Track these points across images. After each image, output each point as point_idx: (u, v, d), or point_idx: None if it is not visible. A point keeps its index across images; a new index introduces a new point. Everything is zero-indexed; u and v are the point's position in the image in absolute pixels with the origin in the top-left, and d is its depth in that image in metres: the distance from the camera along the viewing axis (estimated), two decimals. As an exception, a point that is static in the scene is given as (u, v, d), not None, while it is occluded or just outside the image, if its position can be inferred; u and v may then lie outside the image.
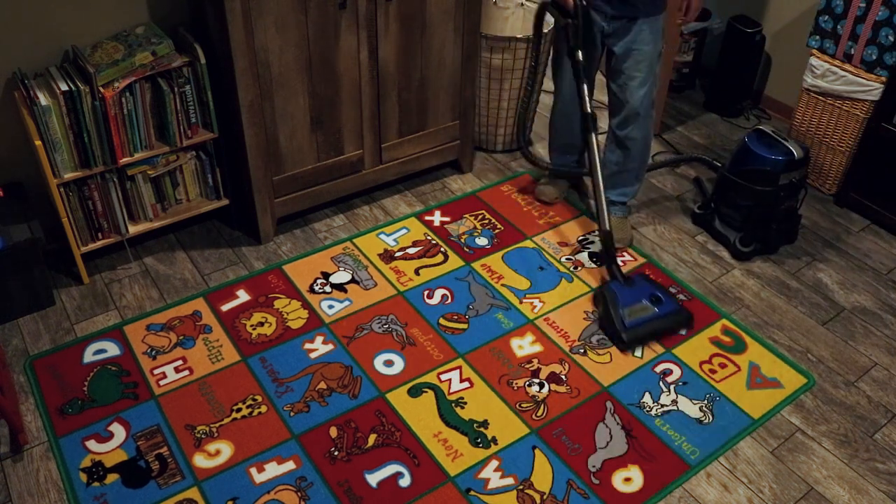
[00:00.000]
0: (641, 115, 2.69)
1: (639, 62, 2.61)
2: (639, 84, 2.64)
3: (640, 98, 2.66)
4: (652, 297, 2.52)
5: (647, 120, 2.74)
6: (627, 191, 2.92)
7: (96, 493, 2.01)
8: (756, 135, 2.81)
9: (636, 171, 2.88)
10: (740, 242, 2.85)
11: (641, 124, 2.72)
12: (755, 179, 2.74)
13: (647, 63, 2.61)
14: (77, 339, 2.44)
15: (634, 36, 2.57)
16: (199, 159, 2.69)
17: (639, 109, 2.68)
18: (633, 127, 2.72)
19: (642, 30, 2.56)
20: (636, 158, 2.82)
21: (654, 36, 2.58)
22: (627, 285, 2.56)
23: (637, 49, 2.59)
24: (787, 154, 2.71)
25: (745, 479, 2.13)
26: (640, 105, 2.67)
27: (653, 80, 2.66)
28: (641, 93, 2.65)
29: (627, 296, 2.51)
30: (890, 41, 2.84)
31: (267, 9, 2.37)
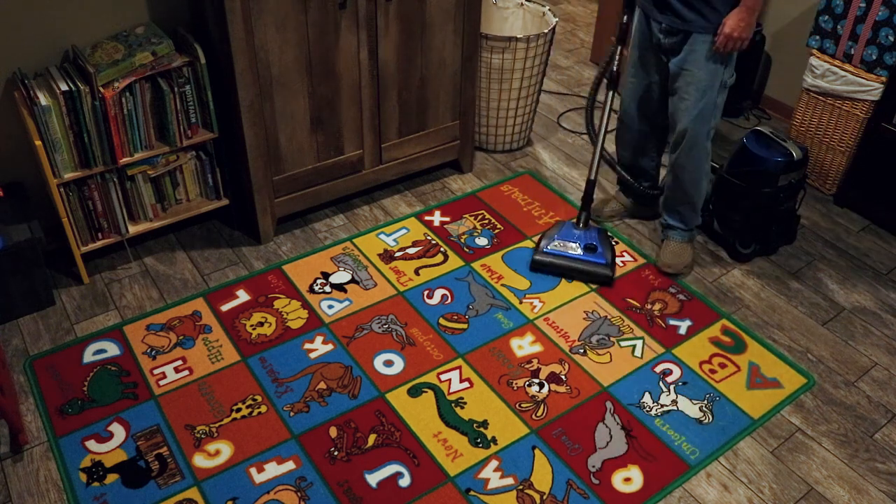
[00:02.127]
0: (688, 142, 2.52)
1: (689, 84, 2.43)
2: (687, 107, 2.46)
3: (687, 123, 2.48)
4: (587, 244, 2.68)
5: (696, 150, 2.54)
6: (685, 217, 2.74)
7: (96, 493, 2.01)
8: (755, 136, 2.79)
9: (690, 203, 2.69)
10: (740, 244, 2.84)
11: (690, 154, 2.55)
12: (755, 181, 2.73)
13: (697, 87, 2.41)
14: (77, 339, 2.44)
15: (686, 55, 2.40)
16: (199, 159, 2.69)
17: (686, 135, 2.50)
18: (681, 154, 2.57)
19: (695, 49, 2.36)
20: (687, 189, 2.65)
21: (711, 58, 2.36)
22: (577, 228, 2.76)
23: (688, 70, 2.40)
24: (787, 155, 2.70)
25: (745, 479, 2.13)
26: (688, 131, 2.49)
27: (708, 108, 2.45)
28: (689, 118, 2.47)
29: (566, 233, 2.74)
30: (890, 41, 2.84)
31: (267, 9, 2.37)
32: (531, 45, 3.10)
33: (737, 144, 2.82)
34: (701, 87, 2.42)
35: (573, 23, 4.64)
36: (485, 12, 3.25)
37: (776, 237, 2.88)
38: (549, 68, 3.94)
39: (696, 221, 2.78)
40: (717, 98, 2.46)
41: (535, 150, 3.46)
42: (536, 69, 3.22)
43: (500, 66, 3.13)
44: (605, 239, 2.75)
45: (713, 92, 2.44)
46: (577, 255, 2.68)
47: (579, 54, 4.29)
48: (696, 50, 2.37)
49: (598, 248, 2.70)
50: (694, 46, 2.37)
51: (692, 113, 2.47)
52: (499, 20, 3.47)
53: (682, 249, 2.77)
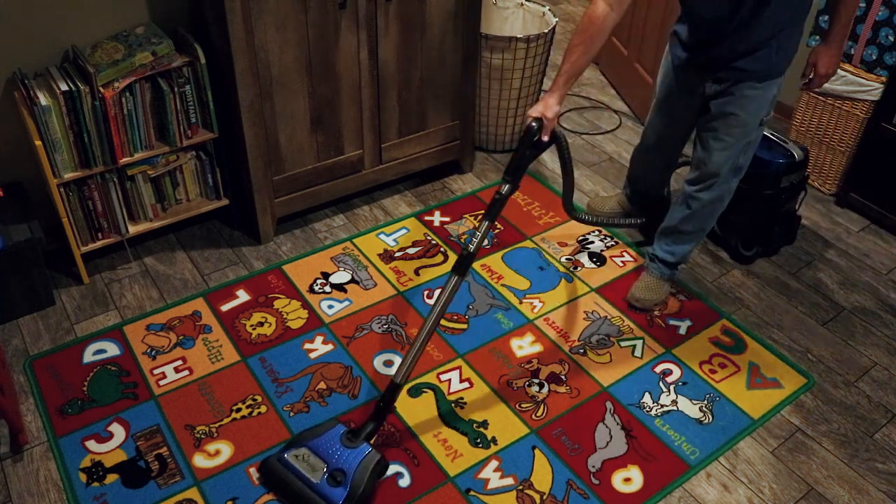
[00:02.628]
0: (719, 182, 2.41)
1: (731, 126, 2.31)
2: (724, 148, 2.35)
3: (720, 163, 2.37)
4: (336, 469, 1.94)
5: (722, 189, 2.44)
6: (676, 249, 2.61)
7: (96, 493, 2.01)
8: None
9: (691, 237, 2.59)
10: (742, 246, 2.84)
11: (713, 191, 2.44)
12: (757, 182, 2.72)
13: (741, 129, 2.30)
14: (77, 339, 2.44)
15: (732, 99, 2.27)
16: (199, 159, 2.69)
17: (718, 175, 2.40)
18: (704, 190, 2.45)
19: (746, 95, 2.24)
20: (697, 221, 2.54)
21: (758, 103, 2.26)
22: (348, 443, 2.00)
23: (733, 114, 2.28)
24: (788, 156, 2.70)
25: (745, 479, 2.13)
26: (721, 171, 2.39)
27: (742, 147, 2.35)
28: (722, 158, 2.36)
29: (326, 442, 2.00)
30: (890, 41, 2.84)
31: (267, 9, 2.37)
32: (531, 45, 3.10)
33: None
34: (745, 130, 2.31)
35: (573, 23, 4.65)
36: (485, 12, 3.25)
37: (777, 238, 2.88)
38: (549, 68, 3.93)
39: (684, 259, 2.65)
40: (750, 136, 2.35)
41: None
42: (536, 69, 3.22)
43: (500, 66, 3.13)
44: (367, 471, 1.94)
45: (754, 132, 2.34)
46: (307, 480, 1.94)
47: (579, 54, 4.28)
48: (747, 96, 2.24)
49: (345, 479, 1.92)
50: (744, 92, 2.24)
51: (727, 154, 2.35)
52: (499, 20, 3.47)
53: (659, 286, 2.63)
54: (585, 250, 2.88)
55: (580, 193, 3.19)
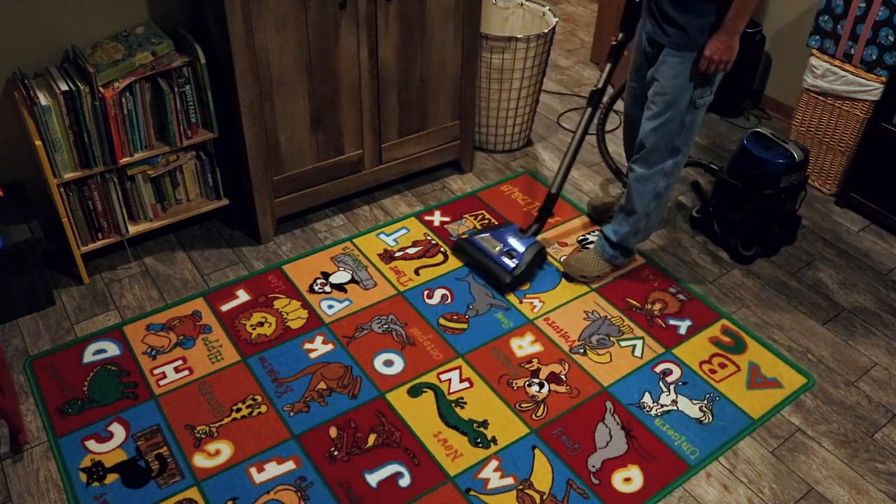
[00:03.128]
0: (645, 154, 2.46)
1: (655, 94, 2.39)
2: (650, 117, 2.42)
3: (647, 132, 2.43)
4: (510, 250, 2.65)
5: (653, 165, 2.47)
6: (618, 228, 2.65)
7: (96, 493, 2.01)
8: (755, 137, 2.79)
9: (631, 218, 2.60)
10: (742, 246, 2.84)
11: (645, 166, 2.49)
12: (756, 182, 2.73)
13: (662, 99, 2.37)
14: (77, 339, 2.44)
15: (658, 65, 2.37)
16: (199, 159, 2.69)
17: (644, 145, 2.45)
18: (637, 163, 2.51)
19: (665, 61, 2.34)
20: (633, 203, 2.57)
21: (678, 74, 2.32)
22: (521, 234, 2.72)
23: (657, 80, 2.37)
24: (788, 156, 2.70)
25: (745, 479, 2.13)
26: (647, 142, 2.44)
27: (672, 124, 2.39)
28: (649, 127, 2.42)
29: (503, 233, 2.72)
30: (890, 41, 2.84)
31: (267, 9, 2.37)
32: (531, 45, 3.10)
33: (737, 146, 2.82)
34: (666, 100, 2.37)
35: (573, 23, 4.65)
36: (485, 12, 3.25)
37: (777, 238, 2.88)
38: (549, 68, 3.94)
39: (627, 243, 2.65)
40: (684, 116, 2.38)
41: (535, 150, 3.46)
42: (536, 69, 3.22)
43: (500, 66, 3.13)
44: (534, 253, 2.65)
45: (679, 109, 2.36)
46: (490, 253, 2.67)
47: (579, 54, 4.29)
48: (665, 62, 2.34)
49: (516, 256, 2.64)
50: (665, 59, 2.34)
51: (653, 124, 2.41)
52: (499, 20, 3.47)
53: (594, 262, 2.69)
54: (585, 250, 2.87)
55: (580, 193, 3.19)
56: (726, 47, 2.25)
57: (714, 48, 2.25)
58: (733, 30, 2.23)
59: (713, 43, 2.25)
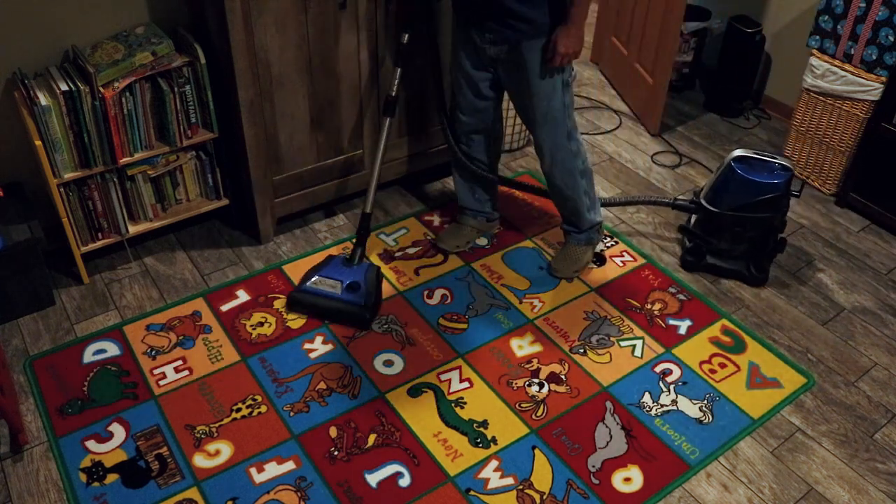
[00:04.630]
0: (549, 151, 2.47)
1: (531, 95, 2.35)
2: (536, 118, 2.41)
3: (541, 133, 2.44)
4: (351, 283, 2.48)
5: (561, 154, 2.47)
6: (572, 218, 2.67)
7: (96, 493, 2.01)
8: (742, 163, 2.61)
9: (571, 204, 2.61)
10: (757, 270, 2.73)
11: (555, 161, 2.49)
12: (762, 208, 2.58)
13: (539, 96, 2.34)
14: (77, 339, 2.44)
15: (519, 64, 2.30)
16: (199, 159, 2.69)
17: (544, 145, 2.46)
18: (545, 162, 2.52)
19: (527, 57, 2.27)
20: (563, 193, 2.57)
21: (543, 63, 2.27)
22: (348, 265, 2.55)
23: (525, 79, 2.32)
24: (785, 169, 2.58)
25: (745, 479, 2.13)
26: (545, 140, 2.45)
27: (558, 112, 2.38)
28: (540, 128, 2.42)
29: (332, 269, 2.54)
30: (890, 41, 2.84)
31: (267, 9, 2.37)
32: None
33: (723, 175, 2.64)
34: (545, 96, 2.33)
35: (573, 23, 4.64)
36: (485, 12, 3.25)
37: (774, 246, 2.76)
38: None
39: (587, 223, 2.67)
40: (564, 98, 2.37)
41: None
42: (536, 69, 3.22)
43: (500, 66, 3.13)
44: (373, 276, 2.53)
45: (557, 95, 2.35)
46: (333, 295, 2.48)
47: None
48: (528, 59, 2.26)
49: (360, 286, 2.48)
50: (526, 55, 2.26)
51: (542, 122, 2.39)
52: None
53: (578, 254, 2.71)
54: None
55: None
56: (577, 39, 2.22)
57: (566, 43, 2.21)
58: (581, 17, 2.19)
59: (563, 38, 2.20)
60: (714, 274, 2.79)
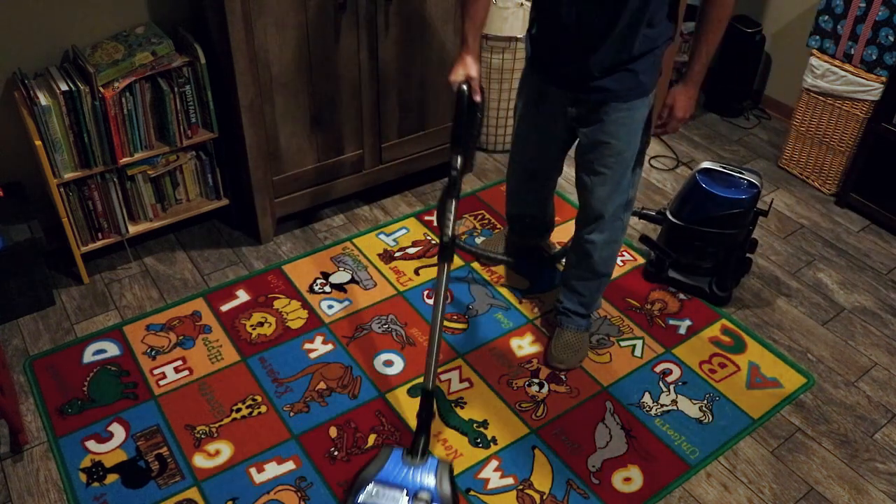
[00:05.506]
0: (608, 219, 2.19)
1: (606, 156, 2.07)
2: (604, 181, 2.12)
3: (604, 199, 2.15)
4: (419, 491, 1.86)
5: (614, 225, 2.21)
6: (584, 300, 2.39)
7: (96, 493, 2.01)
8: (707, 176, 2.53)
9: (597, 282, 2.36)
10: (718, 288, 2.64)
11: (605, 230, 2.22)
12: (725, 223, 2.51)
13: (617, 160, 2.07)
14: (77, 339, 2.44)
15: (600, 125, 2.03)
16: (199, 159, 2.69)
17: (604, 212, 2.17)
18: (595, 231, 2.23)
19: (611, 118, 2.01)
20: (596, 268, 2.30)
21: (629, 127, 2.02)
22: (409, 461, 1.93)
23: (606, 142, 2.04)
24: (752, 185, 2.50)
25: (745, 479, 2.13)
26: (606, 207, 2.16)
27: (628, 181, 2.14)
28: (605, 193, 2.13)
29: (390, 472, 1.90)
30: (890, 41, 2.84)
31: (267, 9, 2.37)
32: (531, 45, 3.09)
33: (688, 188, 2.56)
34: (622, 159, 2.07)
35: (573, 23, 4.64)
36: (485, 12, 3.25)
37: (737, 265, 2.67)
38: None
39: (596, 306, 2.44)
40: (636, 166, 2.14)
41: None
42: (536, 69, 3.22)
43: (500, 66, 3.13)
44: (446, 479, 1.90)
45: (631, 162, 2.11)
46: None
47: (579, 54, 4.28)
48: (613, 120, 2.01)
49: (432, 495, 1.87)
50: (611, 115, 2.00)
51: (608, 189, 2.13)
52: (499, 20, 3.46)
53: (579, 342, 2.41)
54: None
55: (580, 193, 3.19)
56: (694, 101, 2.03)
57: (686, 105, 2.01)
58: (700, 80, 1.99)
59: (685, 100, 2.00)
60: (676, 288, 2.70)
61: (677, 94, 2.03)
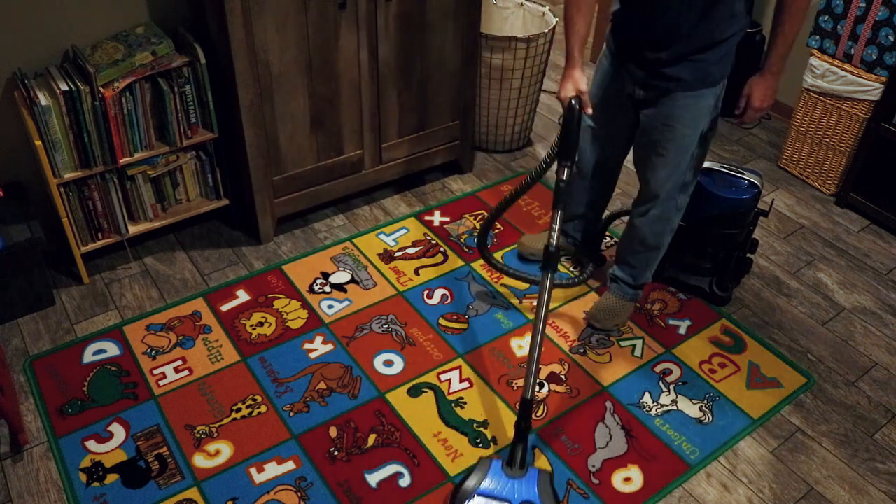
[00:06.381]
0: (663, 201, 2.26)
1: (669, 140, 2.12)
2: (665, 164, 2.17)
3: (662, 181, 2.21)
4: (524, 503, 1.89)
5: (668, 207, 2.27)
6: (635, 272, 2.46)
7: (96, 493, 2.01)
8: (708, 176, 2.53)
9: (647, 256, 2.41)
10: (719, 288, 2.65)
11: (661, 210, 2.29)
12: (725, 224, 2.51)
13: (678, 144, 2.12)
14: (77, 339, 2.44)
15: (666, 109, 2.08)
16: (199, 159, 2.69)
17: (660, 194, 2.25)
18: (651, 210, 2.30)
19: (678, 104, 2.05)
20: (648, 243, 2.37)
21: (693, 113, 2.06)
22: (511, 472, 1.95)
23: (669, 126, 2.09)
24: (753, 186, 2.50)
25: (745, 479, 2.13)
26: (663, 189, 2.23)
27: (687, 165, 2.18)
28: (664, 175, 2.19)
29: (495, 482, 1.92)
30: (890, 41, 2.84)
31: (267, 9, 2.37)
32: (531, 45, 3.10)
33: None
34: (683, 145, 2.12)
35: (573, 23, 4.64)
36: (485, 12, 3.25)
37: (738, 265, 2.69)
38: (549, 68, 3.94)
39: (645, 279, 2.48)
40: (697, 150, 2.18)
41: (535, 150, 3.46)
42: (536, 69, 3.23)
43: (500, 66, 3.13)
44: (547, 491, 1.92)
45: (693, 147, 2.15)
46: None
47: (579, 54, 4.29)
48: (679, 105, 2.05)
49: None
50: (677, 102, 2.05)
51: (668, 171, 2.19)
52: (499, 20, 3.47)
53: (620, 308, 2.49)
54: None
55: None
56: (773, 92, 2.02)
57: (764, 95, 2.02)
58: (780, 71, 2.00)
59: (762, 90, 2.03)
60: (676, 288, 2.71)
61: (755, 85, 2.07)
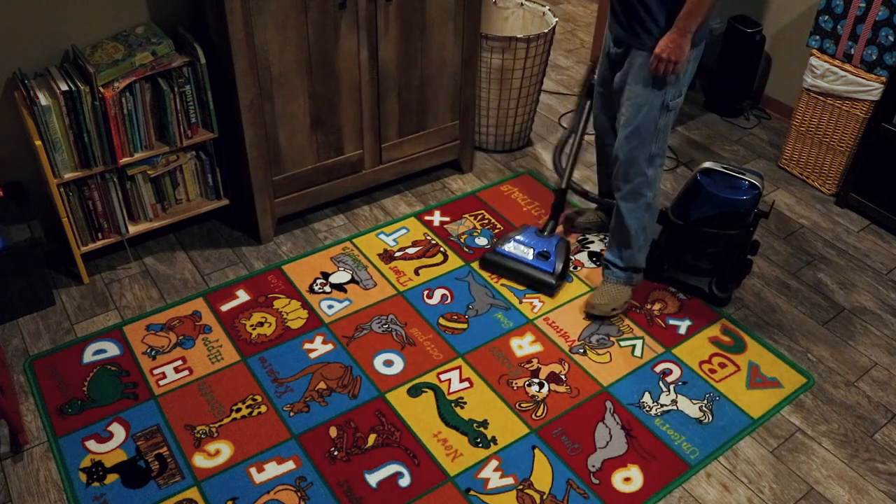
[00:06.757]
0: (624, 164, 2.37)
1: (627, 99, 2.31)
2: (622, 125, 2.34)
3: (621, 140, 2.35)
4: (542, 251, 2.67)
5: (634, 174, 2.38)
6: (622, 253, 2.54)
7: (96, 493, 2.01)
8: (708, 177, 2.52)
9: (625, 236, 2.50)
10: (718, 289, 2.64)
11: (627, 177, 2.39)
12: (726, 224, 2.51)
13: (633, 103, 2.28)
14: (77, 339, 2.44)
15: (626, 68, 2.30)
16: (199, 159, 2.69)
17: (619, 154, 2.37)
18: (618, 176, 2.43)
19: (633, 63, 2.27)
20: (625, 217, 2.47)
21: (647, 74, 2.23)
22: (540, 234, 2.75)
23: (627, 85, 2.30)
24: (753, 188, 2.49)
25: (745, 479, 2.13)
26: (622, 150, 2.36)
27: (646, 129, 2.30)
28: (622, 135, 2.34)
29: (525, 237, 2.74)
30: (890, 41, 2.84)
31: (267, 9, 2.37)
32: (531, 45, 3.10)
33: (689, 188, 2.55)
34: (637, 103, 2.28)
35: (573, 23, 4.65)
36: (485, 12, 3.25)
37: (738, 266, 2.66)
38: (549, 68, 3.94)
39: (635, 262, 2.55)
40: (658, 119, 2.29)
41: (535, 150, 3.46)
42: (536, 69, 3.22)
43: (500, 66, 3.13)
44: (562, 249, 2.69)
45: (652, 112, 2.27)
46: (525, 260, 2.67)
47: (579, 54, 4.29)
48: (633, 64, 2.27)
49: (550, 256, 2.66)
50: (632, 60, 2.27)
51: (626, 131, 2.32)
52: (499, 20, 3.47)
53: (615, 292, 2.56)
54: (585, 250, 2.88)
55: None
56: (676, 46, 2.15)
57: (664, 45, 2.16)
58: (685, 29, 2.14)
59: (664, 41, 2.17)
60: (675, 287, 2.71)
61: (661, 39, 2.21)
